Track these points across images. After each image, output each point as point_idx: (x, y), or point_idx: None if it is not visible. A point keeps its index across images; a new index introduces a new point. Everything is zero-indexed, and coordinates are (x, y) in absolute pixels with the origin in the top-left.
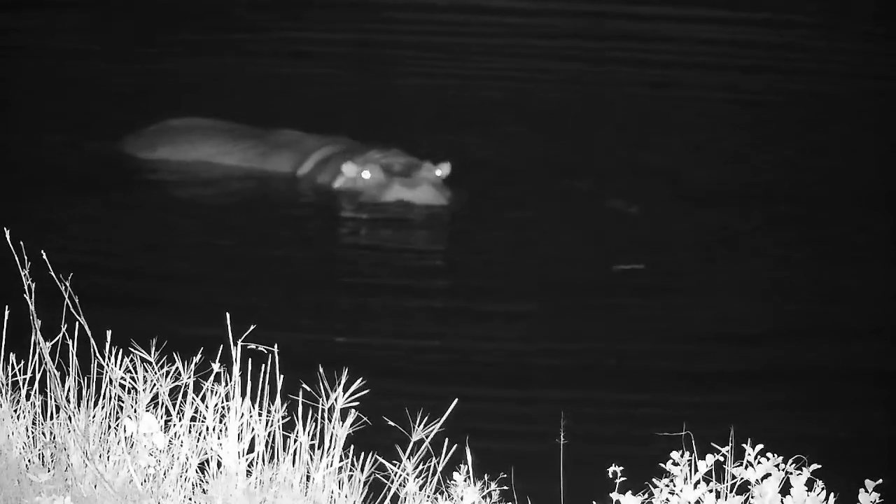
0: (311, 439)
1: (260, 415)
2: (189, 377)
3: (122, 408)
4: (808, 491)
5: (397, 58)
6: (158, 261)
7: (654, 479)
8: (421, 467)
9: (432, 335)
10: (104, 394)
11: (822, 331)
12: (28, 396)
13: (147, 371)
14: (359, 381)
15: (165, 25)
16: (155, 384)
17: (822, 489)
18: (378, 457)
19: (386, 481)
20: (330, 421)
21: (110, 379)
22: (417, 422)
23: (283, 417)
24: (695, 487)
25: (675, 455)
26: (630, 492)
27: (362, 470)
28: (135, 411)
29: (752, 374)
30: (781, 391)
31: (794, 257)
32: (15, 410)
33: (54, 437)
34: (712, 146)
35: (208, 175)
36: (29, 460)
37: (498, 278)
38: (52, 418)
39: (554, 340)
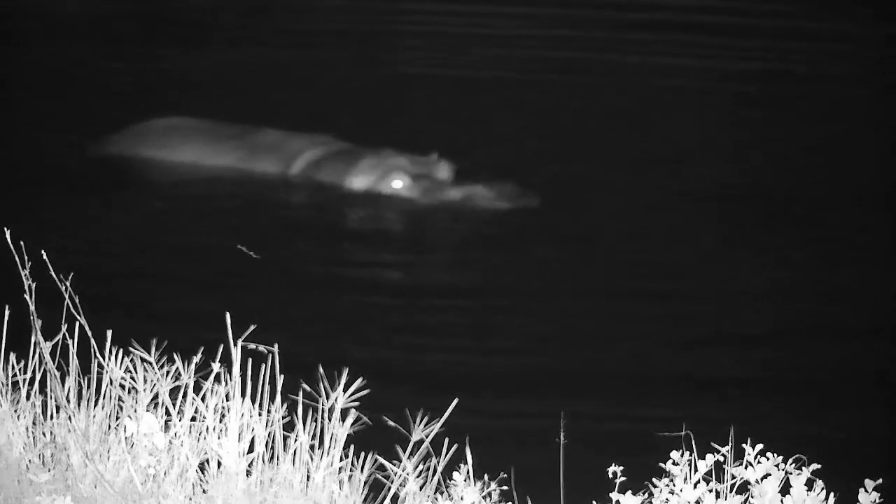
0: (311, 439)
1: (260, 415)
2: (189, 377)
3: (122, 408)
4: (807, 491)
5: (393, 49)
6: (158, 261)
7: (654, 480)
8: (421, 467)
9: (432, 337)
10: (104, 394)
11: (822, 331)
12: (28, 396)
13: (147, 371)
14: (359, 380)
15: (166, 23)
16: (155, 384)
17: (822, 489)
18: (378, 457)
19: (386, 481)
20: (330, 421)
21: (110, 379)
22: (417, 422)
23: (283, 417)
24: (695, 487)
25: (675, 455)
26: (630, 492)
27: (362, 470)
28: (135, 411)
29: (752, 373)
30: (781, 391)
31: (794, 257)
32: (15, 410)
33: (54, 437)
34: (712, 145)
35: (205, 175)
36: (29, 460)
37: (498, 279)
38: (52, 418)
39: (553, 342)
